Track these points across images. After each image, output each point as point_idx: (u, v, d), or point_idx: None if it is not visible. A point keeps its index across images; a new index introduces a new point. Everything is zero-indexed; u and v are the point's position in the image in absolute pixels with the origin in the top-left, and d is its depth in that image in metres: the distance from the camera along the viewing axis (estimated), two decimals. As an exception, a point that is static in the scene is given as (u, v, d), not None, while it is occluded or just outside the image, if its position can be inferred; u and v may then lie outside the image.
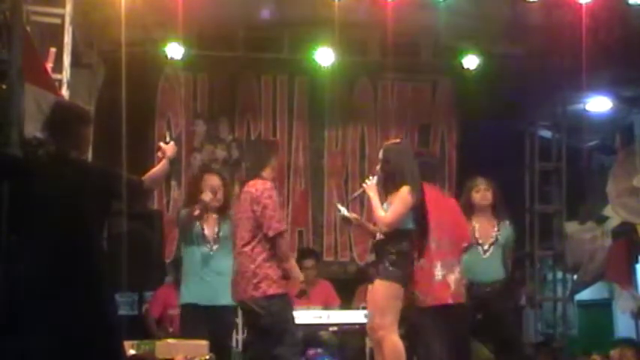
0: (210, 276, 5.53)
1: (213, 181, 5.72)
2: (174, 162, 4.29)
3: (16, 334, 3.43)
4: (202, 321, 5.45)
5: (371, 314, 5.04)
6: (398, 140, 5.76)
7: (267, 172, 4.98)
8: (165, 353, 4.78)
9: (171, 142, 4.32)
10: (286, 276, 4.93)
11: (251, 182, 4.95)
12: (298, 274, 5.01)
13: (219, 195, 5.65)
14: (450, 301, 5.52)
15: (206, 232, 5.58)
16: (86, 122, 3.90)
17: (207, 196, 5.54)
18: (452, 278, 5.54)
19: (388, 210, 4.95)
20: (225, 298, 5.49)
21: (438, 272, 5.49)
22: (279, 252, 4.87)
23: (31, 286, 3.47)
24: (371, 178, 5.11)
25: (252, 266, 4.84)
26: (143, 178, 4.02)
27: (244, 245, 4.89)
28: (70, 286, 3.51)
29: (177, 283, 6.24)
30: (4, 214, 3.47)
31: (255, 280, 4.83)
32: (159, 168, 4.15)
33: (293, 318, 4.99)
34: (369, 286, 5.08)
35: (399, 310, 4.96)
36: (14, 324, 3.43)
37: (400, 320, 6.04)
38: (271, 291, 4.82)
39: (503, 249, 6.17)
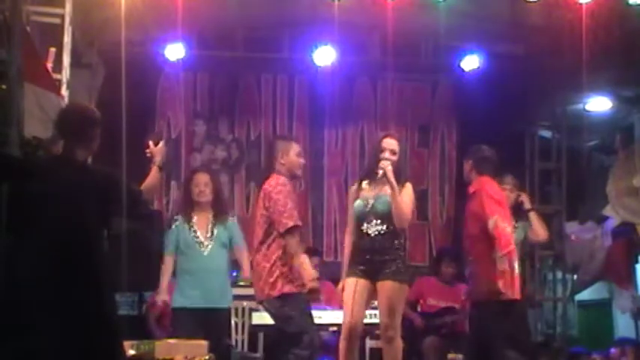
0: (204, 277, 5.51)
1: (200, 178, 5.73)
2: (164, 166, 4.23)
3: (17, 334, 3.42)
4: (196, 323, 5.41)
5: (383, 314, 4.89)
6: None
7: (279, 165, 4.90)
8: (165, 353, 4.77)
9: (161, 144, 4.23)
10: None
11: (267, 180, 4.91)
12: (309, 272, 4.75)
13: (207, 190, 5.65)
14: (518, 297, 5.32)
15: (198, 233, 5.57)
16: (97, 123, 3.92)
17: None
18: (516, 274, 5.32)
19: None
20: (220, 300, 5.50)
21: (516, 267, 5.26)
22: (288, 249, 4.74)
23: (30, 287, 3.47)
24: (387, 163, 4.87)
25: (268, 265, 4.76)
26: (141, 188, 4.02)
27: (260, 243, 4.83)
28: (69, 287, 3.51)
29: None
30: (4, 214, 3.47)
31: (271, 279, 4.75)
32: (151, 177, 4.13)
33: (310, 319, 4.86)
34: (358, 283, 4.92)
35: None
36: (14, 324, 3.42)
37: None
38: (287, 289, 4.73)
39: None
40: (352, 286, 4.87)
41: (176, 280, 5.71)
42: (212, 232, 5.57)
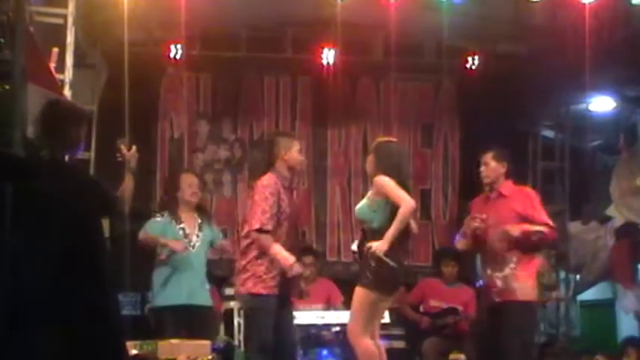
0: (188, 275, 5.53)
1: (193, 179, 5.82)
2: (135, 172, 4.13)
3: (20, 334, 3.43)
4: (179, 321, 5.44)
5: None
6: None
7: (280, 162, 4.89)
8: (168, 353, 4.78)
9: (133, 149, 4.09)
10: (283, 271, 4.72)
11: (261, 178, 4.93)
12: (286, 258, 4.68)
13: (198, 192, 5.80)
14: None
15: (187, 231, 5.62)
16: (75, 122, 3.81)
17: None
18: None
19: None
20: (202, 298, 5.53)
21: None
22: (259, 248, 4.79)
23: (34, 287, 3.47)
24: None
25: (243, 262, 4.81)
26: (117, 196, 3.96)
27: (242, 239, 4.93)
28: (72, 287, 3.51)
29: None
30: (7, 215, 3.47)
31: (244, 276, 4.80)
32: (126, 186, 4.01)
33: (268, 324, 4.77)
34: None
35: (372, 316, 4.83)
36: (17, 325, 3.43)
37: (401, 321, 6.00)
38: (255, 290, 4.75)
39: None
40: None
41: (156, 277, 5.67)
42: (200, 231, 5.63)
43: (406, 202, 4.69)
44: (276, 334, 4.74)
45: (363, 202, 4.92)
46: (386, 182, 4.75)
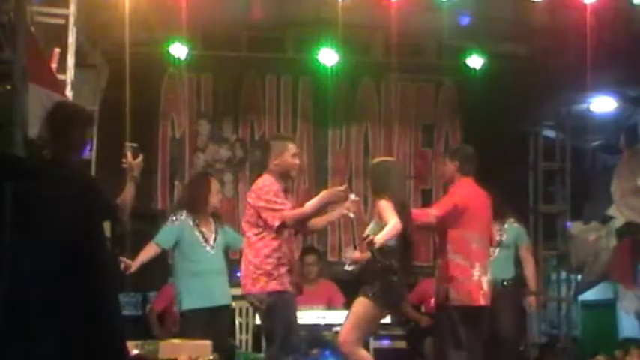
0: (211, 277, 5.55)
1: (217, 185, 5.88)
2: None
3: (20, 335, 3.43)
4: (204, 324, 5.46)
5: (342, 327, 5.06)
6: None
7: (272, 166, 4.96)
8: (169, 353, 4.79)
9: (139, 158, 4.04)
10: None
11: (257, 179, 5.03)
12: (331, 195, 4.98)
13: (221, 198, 5.89)
14: (482, 302, 5.46)
15: (206, 234, 5.65)
16: (81, 124, 3.82)
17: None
18: (484, 280, 5.47)
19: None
20: (223, 298, 5.55)
21: (475, 273, 5.42)
22: (297, 229, 4.96)
23: (34, 287, 3.48)
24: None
25: (255, 260, 4.84)
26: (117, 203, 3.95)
27: (248, 238, 4.93)
28: (73, 287, 3.52)
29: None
30: (8, 215, 3.47)
31: (254, 275, 4.83)
32: (127, 194, 3.98)
33: (291, 319, 4.90)
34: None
35: (370, 329, 5.07)
36: (17, 325, 3.43)
37: (402, 321, 6.02)
38: (269, 287, 4.80)
39: (513, 248, 6.22)
40: None
41: (178, 282, 5.70)
42: (217, 233, 5.65)
43: (394, 223, 4.89)
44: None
45: (371, 225, 5.06)
46: (383, 205, 4.97)
